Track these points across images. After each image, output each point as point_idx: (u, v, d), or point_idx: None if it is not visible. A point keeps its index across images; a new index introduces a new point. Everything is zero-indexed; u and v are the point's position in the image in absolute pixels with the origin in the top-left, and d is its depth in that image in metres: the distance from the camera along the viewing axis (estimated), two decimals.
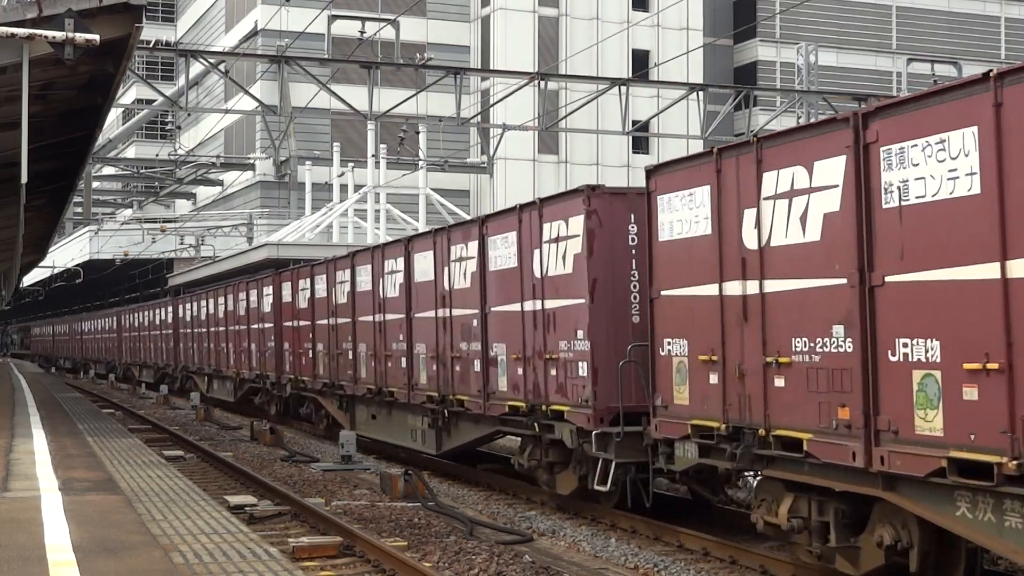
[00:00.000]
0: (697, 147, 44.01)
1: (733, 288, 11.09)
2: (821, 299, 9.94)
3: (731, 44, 66.76)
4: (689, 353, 11.75)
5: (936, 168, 8.85)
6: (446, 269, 17.88)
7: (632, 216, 13.63)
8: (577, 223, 13.98)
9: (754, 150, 10.80)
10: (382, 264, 20.93)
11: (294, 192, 56.80)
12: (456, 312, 17.59)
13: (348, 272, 22.88)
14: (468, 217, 38.12)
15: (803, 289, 10.22)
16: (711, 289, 11.43)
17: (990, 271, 8.35)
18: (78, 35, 12.10)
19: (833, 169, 9.86)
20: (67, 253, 65.34)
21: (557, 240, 14.51)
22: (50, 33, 12.04)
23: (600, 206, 13.81)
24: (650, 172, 12.70)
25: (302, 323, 26.28)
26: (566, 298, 14.28)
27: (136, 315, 53.00)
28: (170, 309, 44.36)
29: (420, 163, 45.83)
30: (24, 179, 13.50)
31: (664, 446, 12.35)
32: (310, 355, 25.50)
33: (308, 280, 25.80)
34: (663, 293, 12.25)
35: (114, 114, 69.97)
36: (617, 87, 33.00)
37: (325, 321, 24.34)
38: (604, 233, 13.77)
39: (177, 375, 43.22)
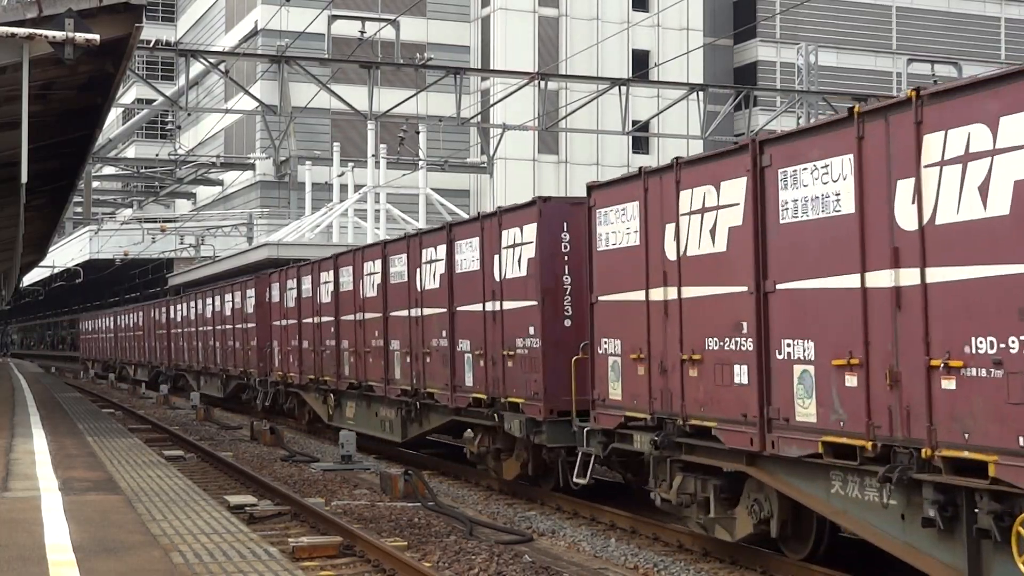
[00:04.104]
0: (697, 147, 44.08)
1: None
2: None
3: (731, 44, 66.75)
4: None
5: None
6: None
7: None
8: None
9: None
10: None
11: (294, 192, 56.79)
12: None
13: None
14: (467, 216, 38.16)
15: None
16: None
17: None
18: (78, 35, 12.10)
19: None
20: (67, 253, 65.35)
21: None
22: (50, 33, 12.05)
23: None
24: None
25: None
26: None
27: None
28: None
29: (420, 163, 45.83)
30: (24, 179, 13.50)
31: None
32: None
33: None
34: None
35: (114, 114, 69.97)
36: (617, 87, 33.00)
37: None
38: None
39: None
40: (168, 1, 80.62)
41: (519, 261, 15.66)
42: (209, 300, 37.03)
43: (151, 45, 36.65)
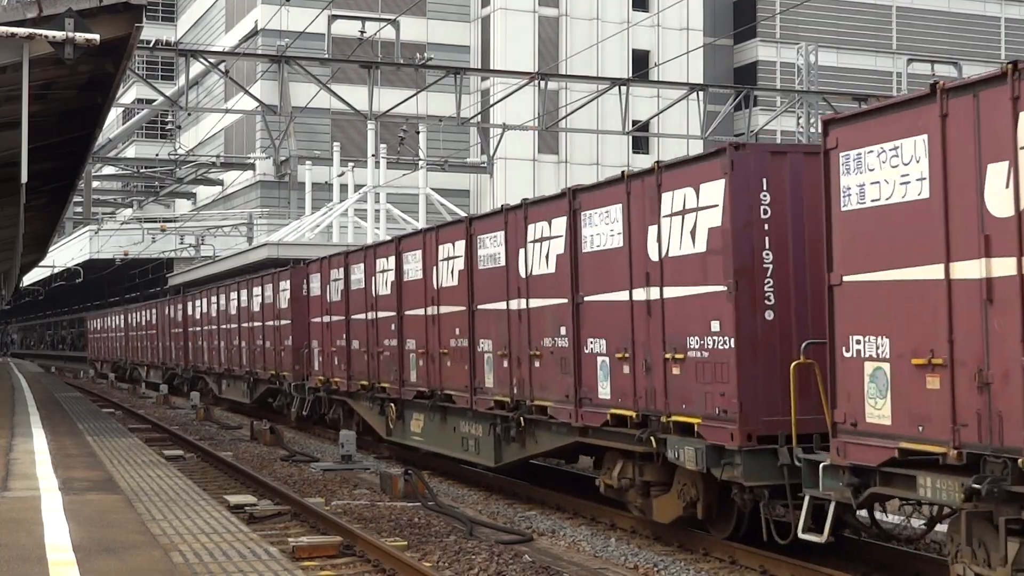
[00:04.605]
0: (697, 147, 44.03)
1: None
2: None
3: (731, 44, 66.74)
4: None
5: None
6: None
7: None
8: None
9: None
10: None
11: (294, 192, 56.80)
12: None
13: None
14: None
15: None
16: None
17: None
18: (78, 35, 12.09)
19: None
20: (67, 253, 65.34)
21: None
22: (50, 33, 12.04)
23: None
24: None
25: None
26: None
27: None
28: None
29: (420, 163, 45.83)
30: (24, 179, 13.49)
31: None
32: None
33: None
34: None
35: (114, 114, 69.95)
36: (617, 87, 33.00)
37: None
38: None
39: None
40: (168, 1, 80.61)
41: (692, 233, 11.83)
42: (233, 295, 33.34)
43: (151, 45, 36.57)
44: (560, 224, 14.36)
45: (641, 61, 60.33)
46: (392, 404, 20.45)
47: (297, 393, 26.54)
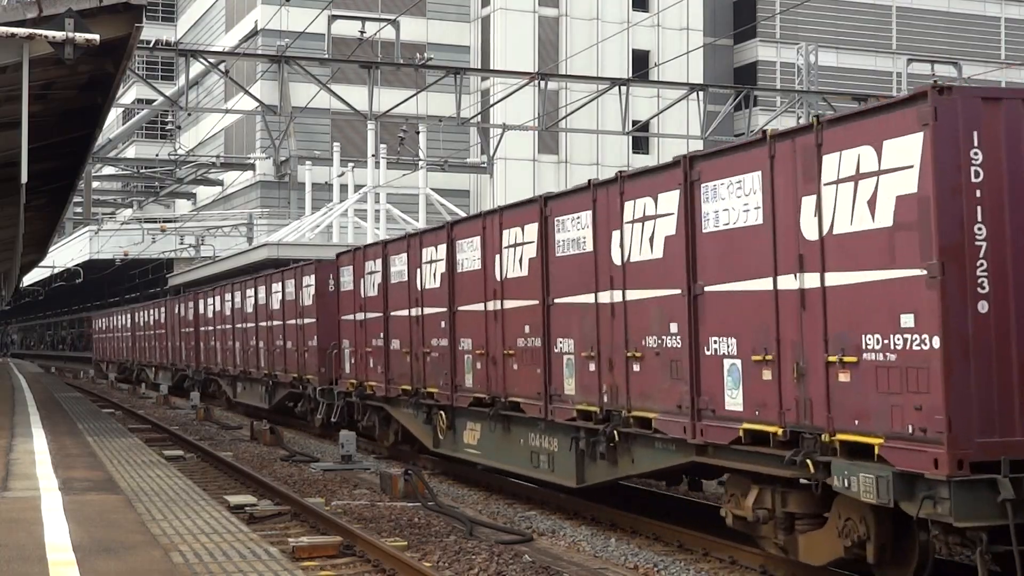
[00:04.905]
0: (697, 147, 44.01)
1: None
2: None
3: (731, 44, 66.74)
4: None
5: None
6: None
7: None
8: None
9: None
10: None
11: (294, 192, 56.81)
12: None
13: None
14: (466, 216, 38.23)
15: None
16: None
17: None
18: (78, 35, 12.09)
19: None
20: (67, 253, 65.34)
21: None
22: (50, 33, 12.04)
23: None
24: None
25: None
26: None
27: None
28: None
29: (420, 163, 45.83)
30: (24, 179, 13.50)
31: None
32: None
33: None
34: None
35: (114, 114, 69.94)
36: (617, 87, 33.00)
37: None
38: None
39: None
40: (168, 1, 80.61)
41: (871, 204, 9.42)
42: (250, 291, 31.42)
43: (151, 45, 36.56)
44: (670, 200, 12.04)
45: (641, 61, 60.33)
46: (442, 412, 18.08)
47: (323, 398, 24.34)
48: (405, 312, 19.54)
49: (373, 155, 44.12)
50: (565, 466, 14.44)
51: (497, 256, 16.02)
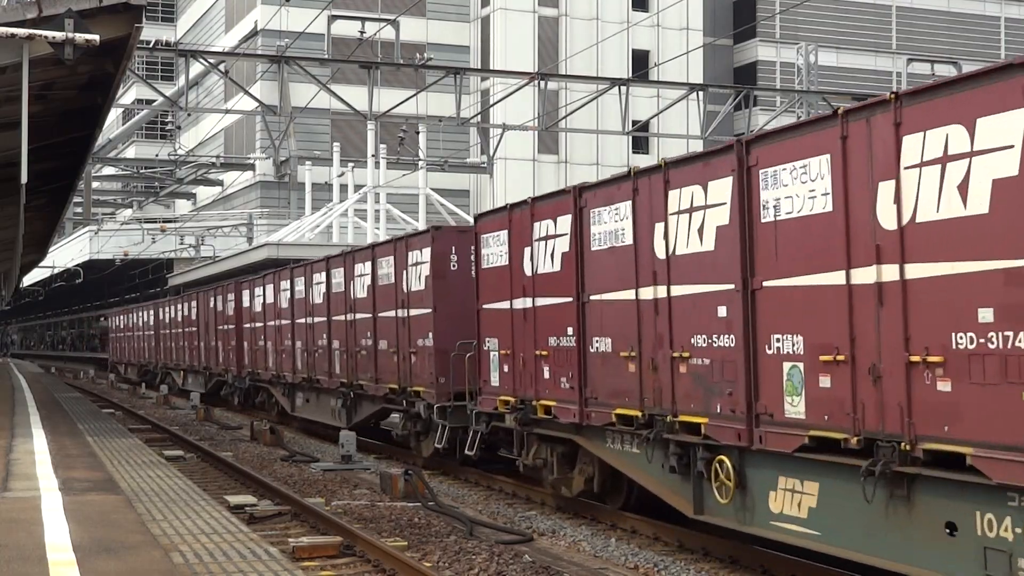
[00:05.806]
0: (697, 147, 44.04)
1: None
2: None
3: (731, 44, 66.76)
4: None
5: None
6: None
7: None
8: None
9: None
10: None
11: (294, 192, 56.82)
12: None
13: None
14: (469, 217, 38.38)
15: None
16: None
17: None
18: (78, 35, 12.10)
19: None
20: (67, 253, 65.35)
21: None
22: (50, 33, 12.05)
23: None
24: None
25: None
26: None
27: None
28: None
29: (420, 163, 45.83)
30: (24, 179, 13.50)
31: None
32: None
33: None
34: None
35: (114, 114, 69.97)
36: (617, 87, 33.00)
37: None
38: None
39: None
40: (168, 1, 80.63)
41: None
42: (318, 276, 25.25)
43: (151, 45, 36.58)
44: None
45: (641, 61, 60.35)
46: (724, 457, 11.32)
47: (444, 419, 18.48)
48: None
49: (373, 155, 44.12)
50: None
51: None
